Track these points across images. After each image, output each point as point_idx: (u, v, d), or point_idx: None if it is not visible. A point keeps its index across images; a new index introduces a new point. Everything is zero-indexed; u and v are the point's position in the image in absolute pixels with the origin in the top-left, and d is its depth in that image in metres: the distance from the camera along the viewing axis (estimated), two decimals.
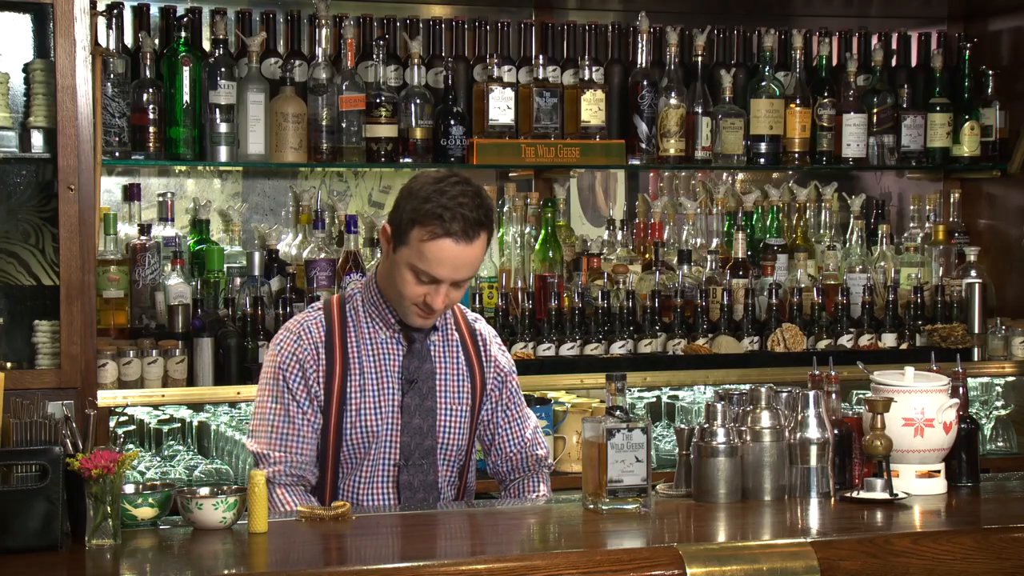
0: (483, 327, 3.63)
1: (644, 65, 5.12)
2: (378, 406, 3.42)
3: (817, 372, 3.51)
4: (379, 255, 4.79)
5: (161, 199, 4.86)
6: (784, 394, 3.45)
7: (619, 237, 5.23)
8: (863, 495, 3.36)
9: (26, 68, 4.32)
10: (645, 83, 5.10)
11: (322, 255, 4.76)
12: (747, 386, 3.69)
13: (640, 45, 5.12)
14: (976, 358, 5.17)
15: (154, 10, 4.79)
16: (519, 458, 3.61)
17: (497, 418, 3.60)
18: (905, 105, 5.41)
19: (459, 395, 3.51)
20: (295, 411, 3.40)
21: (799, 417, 3.41)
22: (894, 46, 5.58)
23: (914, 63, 5.62)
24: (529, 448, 3.62)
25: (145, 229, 4.71)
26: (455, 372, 3.51)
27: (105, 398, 4.32)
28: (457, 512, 3.30)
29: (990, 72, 5.49)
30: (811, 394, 3.42)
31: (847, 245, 5.39)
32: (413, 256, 3.31)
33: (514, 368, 3.66)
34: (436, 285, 3.32)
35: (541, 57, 5.00)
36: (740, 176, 5.52)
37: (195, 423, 4.63)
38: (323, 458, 3.43)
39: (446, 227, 3.26)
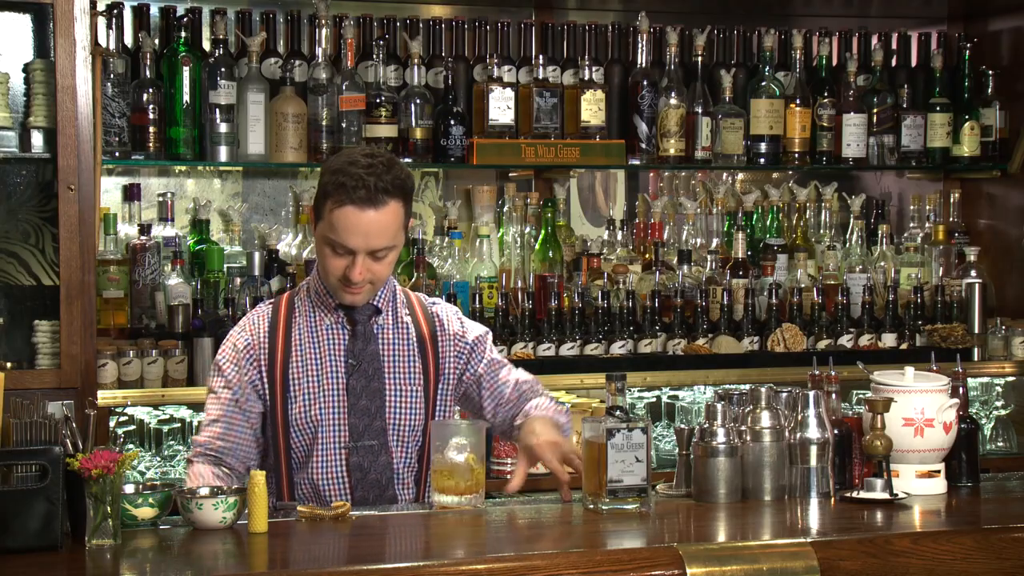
0: (441, 308, 3.63)
1: (644, 65, 5.12)
2: (322, 389, 3.45)
3: (817, 372, 3.51)
4: None
5: (161, 199, 4.87)
6: (784, 394, 3.44)
7: (619, 237, 5.23)
8: (863, 495, 3.36)
9: (26, 68, 4.32)
10: (645, 83, 5.10)
11: None
12: (747, 386, 3.69)
13: (640, 45, 5.13)
14: (976, 358, 5.17)
15: (154, 10, 4.80)
16: (516, 398, 3.59)
17: (478, 372, 3.59)
18: (905, 105, 5.41)
19: (410, 376, 3.52)
20: (226, 397, 3.45)
21: (799, 417, 3.41)
22: (894, 46, 5.58)
23: (914, 63, 5.62)
24: (524, 386, 3.60)
25: (145, 229, 4.72)
26: (404, 353, 3.52)
27: (105, 398, 4.33)
28: (457, 513, 3.30)
29: (990, 72, 5.50)
30: (811, 394, 3.42)
31: (847, 245, 5.39)
32: (327, 228, 3.39)
33: (483, 332, 3.64)
34: (352, 257, 3.38)
35: (541, 57, 5.00)
36: (740, 176, 5.52)
37: (195, 423, 4.62)
38: (275, 445, 3.46)
39: (350, 195, 3.33)
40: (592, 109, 5.00)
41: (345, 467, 3.45)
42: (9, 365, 4.07)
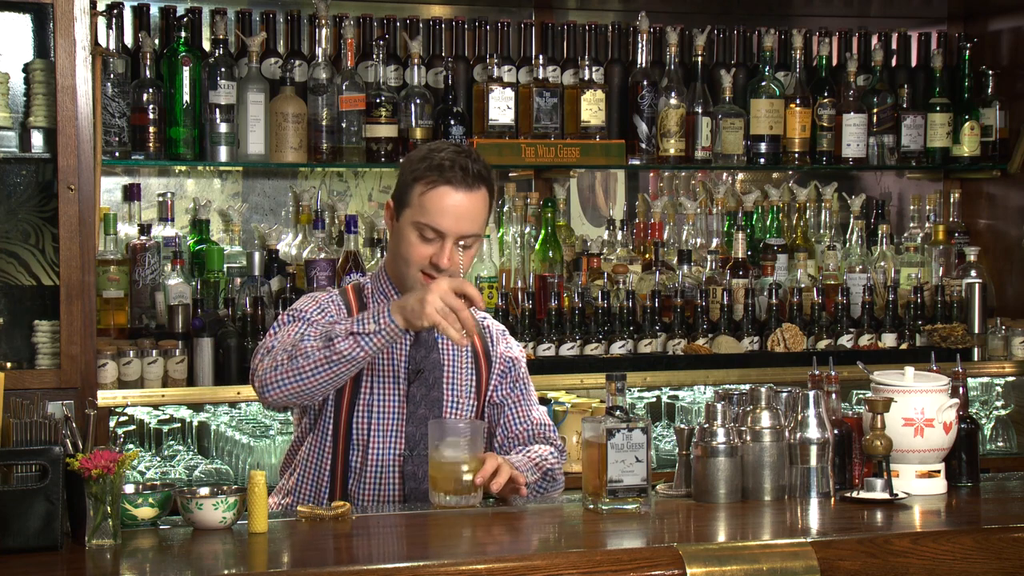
0: (491, 323, 3.62)
1: (644, 65, 5.12)
2: (384, 395, 3.41)
3: (817, 372, 3.51)
4: (379, 256, 4.81)
5: (161, 199, 4.87)
6: (784, 394, 3.44)
7: (619, 237, 5.24)
8: (863, 495, 3.36)
9: (26, 68, 4.32)
10: (645, 83, 5.11)
11: (322, 255, 4.76)
12: (747, 386, 3.69)
13: (640, 45, 5.13)
14: (976, 358, 5.18)
15: (154, 10, 4.80)
16: (526, 436, 3.55)
17: (502, 397, 3.56)
18: (905, 105, 5.41)
19: (466, 388, 3.50)
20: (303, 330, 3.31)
21: (799, 417, 3.41)
22: (894, 46, 5.58)
23: (914, 63, 5.62)
24: (536, 427, 3.57)
25: (145, 229, 4.72)
26: (462, 364, 3.50)
27: (105, 398, 4.33)
28: (457, 512, 3.30)
29: (990, 72, 5.50)
30: (811, 394, 3.42)
31: (847, 245, 5.39)
32: (416, 213, 3.33)
33: (523, 356, 3.64)
34: (441, 241, 3.32)
35: (541, 57, 5.00)
36: (740, 176, 5.52)
37: (195, 423, 4.63)
38: (335, 450, 3.43)
39: (446, 175, 3.31)
40: (592, 109, 5.00)
41: (400, 473, 3.43)
42: (9, 365, 4.09)
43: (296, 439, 3.53)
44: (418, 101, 4.85)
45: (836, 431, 3.44)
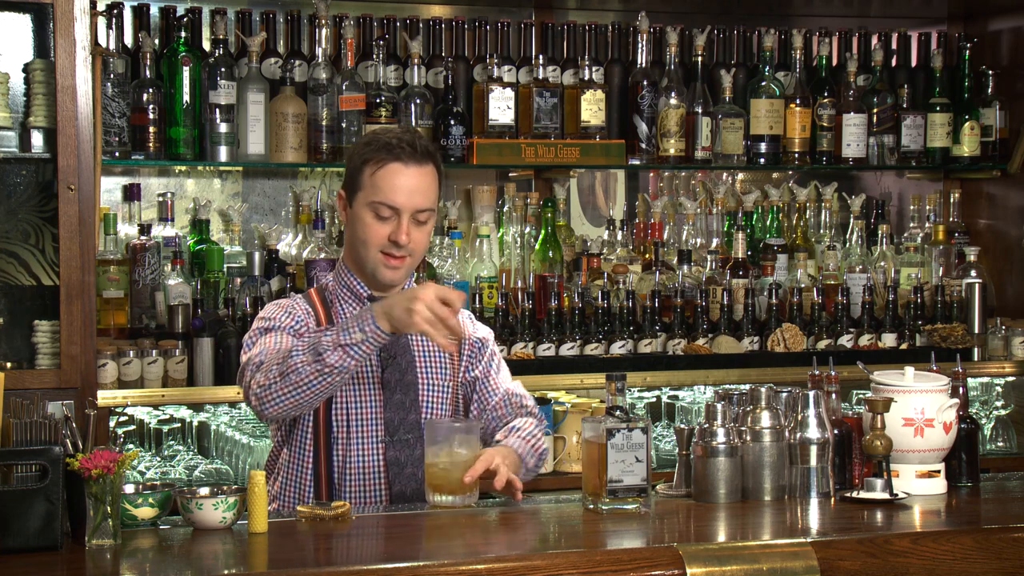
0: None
1: (644, 65, 5.12)
2: (358, 383, 3.44)
3: (817, 372, 3.51)
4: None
5: (161, 199, 4.87)
6: (784, 394, 3.45)
7: (619, 237, 5.24)
8: (863, 495, 3.36)
9: (26, 68, 4.32)
10: (645, 83, 5.11)
11: (322, 255, 4.76)
12: (747, 386, 3.69)
13: (640, 45, 5.13)
14: (976, 358, 5.17)
15: (154, 10, 4.80)
16: (504, 408, 3.58)
17: (474, 375, 3.60)
18: (905, 105, 5.41)
19: (441, 370, 3.54)
20: (277, 337, 3.38)
21: (799, 417, 3.41)
22: (894, 46, 5.58)
23: (914, 63, 5.62)
24: (512, 397, 3.60)
25: (145, 229, 4.72)
26: (433, 345, 3.52)
27: (105, 398, 4.33)
28: (456, 512, 3.30)
29: (990, 72, 5.50)
30: (811, 394, 3.42)
31: (847, 245, 5.39)
32: (369, 194, 3.41)
33: (488, 334, 3.66)
34: (397, 219, 3.39)
35: (541, 57, 5.00)
36: (740, 176, 5.52)
37: (195, 423, 4.64)
38: (316, 442, 3.46)
39: (394, 153, 3.40)
40: (592, 109, 5.00)
41: (383, 461, 3.45)
42: (9, 365, 4.09)
43: (277, 443, 3.55)
44: (418, 101, 4.86)
45: (836, 431, 3.44)
